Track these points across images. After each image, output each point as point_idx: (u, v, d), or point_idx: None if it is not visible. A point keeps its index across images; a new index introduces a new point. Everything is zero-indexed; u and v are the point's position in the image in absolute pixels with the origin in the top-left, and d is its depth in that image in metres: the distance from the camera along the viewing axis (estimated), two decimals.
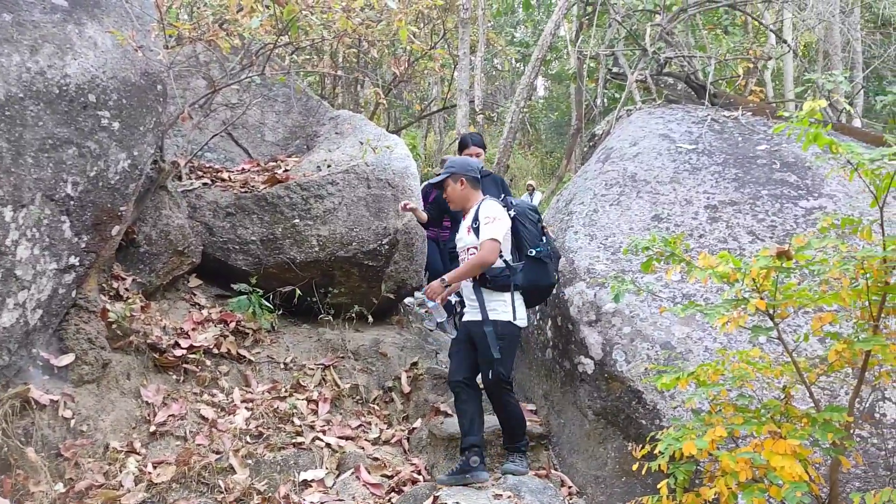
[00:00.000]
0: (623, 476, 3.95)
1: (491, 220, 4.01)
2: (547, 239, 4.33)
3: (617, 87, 10.43)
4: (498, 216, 4.05)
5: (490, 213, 4.05)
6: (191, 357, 4.55)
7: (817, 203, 4.70)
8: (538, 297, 4.33)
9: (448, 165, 4.33)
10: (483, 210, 4.08)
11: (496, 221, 4.02)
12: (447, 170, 4.28)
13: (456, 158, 4.54)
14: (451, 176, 4.25)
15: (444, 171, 4.29)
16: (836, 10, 9.13)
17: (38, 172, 3.64)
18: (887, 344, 2.28)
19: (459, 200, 4.25)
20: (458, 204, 4.26)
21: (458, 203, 4.26)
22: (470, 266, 4.01)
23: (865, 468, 3.31)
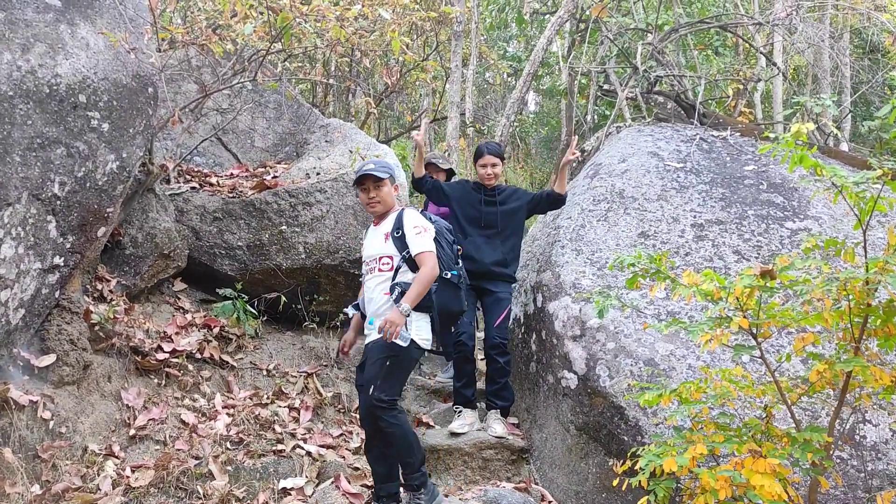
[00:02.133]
0: (604, 492, 3.96)
1: (421, 230, 3.66)
2: (461, 263, 3.97)
3: (607, 104, 10.49)
4: (427, 227, 3.72)
5: (419, 223, 3.69)
6: (173, 361, 4.52)
7: (803, 224, 4.75)
8: (447, 322, 3.83)
9: (388, 168, 3.83)
10: (409, 218, 3.71)
11: (426, 232, 3.69)
12: (387, 171, 3.79)
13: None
14: (391, 178, 3.83)
15: (381, 169, 3.76)
16: (825, 35, 9.24)
17: (25, 171, 3.62)
18: (868, 365, 2.30)
19: (387, 204, 3.79)
20: (384, 206, 3.79)
21: (384, 206, 3.79)
22: (424, 284, 3.56)
23: (845, 489, 3.33)
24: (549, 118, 17.35)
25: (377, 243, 3.77)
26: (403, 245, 3.64)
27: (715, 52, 10.71)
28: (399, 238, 3.66)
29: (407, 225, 3.68)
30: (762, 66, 10.29)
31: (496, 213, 4.84)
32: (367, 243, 3.90)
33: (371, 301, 3.74)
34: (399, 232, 3.67)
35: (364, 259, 3.87)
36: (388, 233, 3.72)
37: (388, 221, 3.77)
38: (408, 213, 3.76)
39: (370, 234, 3.88)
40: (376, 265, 3.75)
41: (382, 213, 3.81)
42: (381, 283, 3.69)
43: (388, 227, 3.74)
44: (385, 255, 3.71)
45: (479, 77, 15.75)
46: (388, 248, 3.70)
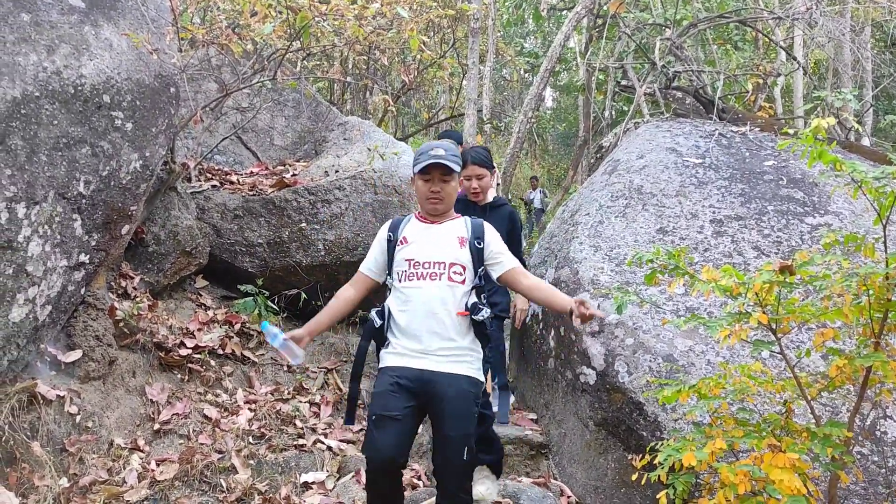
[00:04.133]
0: (622, 487, 3.97)
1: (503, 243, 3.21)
2: None
3: (625, 99, 10.48)
4: None
5: (500, 240, 3.20)
6: (196, 357, 4.59)
7: (823, 220, 4.72)
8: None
9: (459, 159, 3.18)
10: (492, 230, 3.20)
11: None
12: (455, 158, 3.12)
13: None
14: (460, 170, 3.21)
15: (453, 159, 3.09)
16: (846, 29, 9.16)
17: (51, 170, 3.69)
18: (888, 361, 2.30)
19: (449, 203, 3.18)
20: (446, 206, 3.17)
21: (446, 205, 3.17)
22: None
23: (865, 485, 3.32)
24: (567, 114, 17.33)
25: (445, 246, 3.07)
26: (480, 260, 3.08)
27: (734, 46, 10.64)
28: (479, 251, 3.08)
29: (492, 237, 3.13)
30: (782, 60, 10.21)
31: None
32: (418, 241, 3.11)
33: (426, 313, 2.98)
34: (480, 243, 3.09)
35: (411, 259, 3.07)
36: (463, 238, 3.09)
37: (456, 225, 3.16)
38: (488, 225, 3.20)
39: (421, 232, 3.14)
40: (441, 271, 3.02)
41: (445, 211, 3.17)
42: (448, 294, 3.00)
43: (462, 231, 3.13)
44: (458, 263, 3.04)
45: (496, 73, 15.75)
46: (463, 257, 3.06)
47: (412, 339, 2.98)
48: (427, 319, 2.97)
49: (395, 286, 3.10)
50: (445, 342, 2.96)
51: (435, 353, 2.95)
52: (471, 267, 3.06)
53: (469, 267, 3.06)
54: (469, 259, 3.06)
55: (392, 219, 3.30)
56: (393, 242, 3.16)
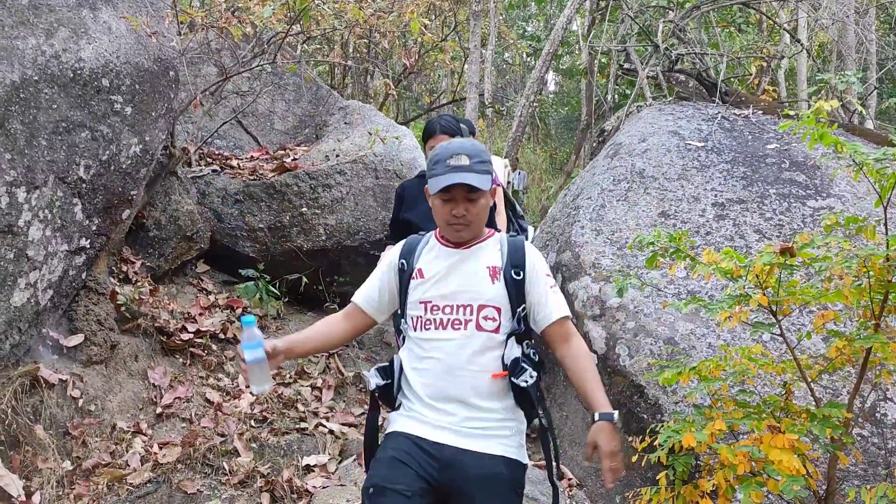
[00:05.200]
0: (623, 469, 3.98)
1: (552, 277, 2.40)
2: None
3: (628, 83, 10.42)
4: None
5: (545, 264, 2.42)
6: (197, 341, 4.61)
7: (825, 203, 4.70)
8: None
9: (489, 168, 2.33)
10: (535, 255, 2.39)
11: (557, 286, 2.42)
12: (484, 166, 2.29)
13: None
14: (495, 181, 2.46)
15: (480, 169, 2.27)
16: (850, 11, 9.09)
17: (51, 155, 3.69)
18: (888, 342, 2.30)
19: (479, 225, 2.37)
20: (473, 231, 2.35)
21: (474, 229, 2.35)
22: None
23: (865, 467, 3.32)
24: (569, 98, 17.26)
25: (472, 281, 2.30)
26: (520, 297, 2.30)
27: (738, 29, 10.57)
28: (518, 282, 2.29)
29: (535, 265, 2.34)
30: (786, 43, 10.14)
31: None
32: (437, 275, 2.33)
33: (448, 374, 2.25)
34: (521, 274, 2.30)
35: (428, 301, 2.31)
36: (496, 268, 2.31)
37: (487, 249, 2.37)
38: (529, 246, 2.41)
39: (441, 262, 2.35)
40: (467, 317, 2.27)
41: (470, 239, 2.37)
42: (478, 348, 2.25)
43: (494, 257, 2.34)
44: (490, 305, 2.27)
45: (498, 57, 15.68)
46: (497, 295, 2.29)
47: (430, 407, 2.25)
48: (450, 382, 2.24)
49: (409, 335, 2.35)
50: (474, 412, 2.23)
51: (460, 426, 2.22)
52: (507, 307, 2.28)
53: (505, 308, 2.27)
54: (504, 297, 2.28)
55: (407, 238, 2.48)
56: (407, 274, 2.36)
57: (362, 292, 2.49)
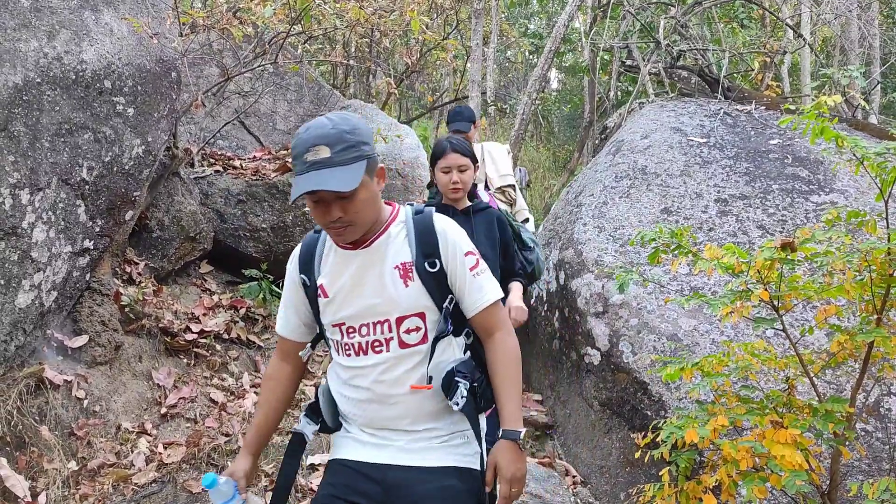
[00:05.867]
0: (627, 466, 3.98)
1: (475, 256, 1.98)
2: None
3: (630, 79, 10.41)
4: (474, 249, 2.01)
5: (465, 241, 1.99)
6: (201, 341, 4.62)
7: (828, 198, 4.69)
8: None
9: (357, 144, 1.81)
10: (445, 231, 1.95)
11: (481, 262, 2.00)
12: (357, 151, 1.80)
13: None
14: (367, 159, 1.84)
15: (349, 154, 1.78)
16: (853, 6, 9.06)
17: (54, 157, 3.70)
18: (889, 336, 2.29)
19: (365, 217, 1.88)
20: (358, 227, 1.86)
21: (360, 223, 1.86)
22: (519, 375, 2.00)
23: (869, 461, 3.32)
24: (572, 95, 17.24)
25: (380, 288, 1.90)
26: (444, 289, 1.93)
27: (740, 24, 10.54)
28: (435, 275, 1.90)
29: (451, 247, 1.93)
30: (789, 38, 10.11)
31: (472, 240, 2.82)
32: (341, 291, 1.93)
33: (377, 401, 1.94)
34: (436, 264, 1.90)
35: (341, 323, 1.94)
36: (406, 265, 1.90)
37: (392, 242, 1.93)
38: (438, 219, 1.97)
39: (342, 271, 1.93)
40: (387, 335, 1.91)
41: (361, 232, 1.89)
42: (409, 368, 1.92)
43: (401, 252, 1.92)
44: (410, 314, 1.91)
45: (500, 55, 15.67)
46: (415, 299, 1.90)
47: (368, 433, 1.98)
48: (383, 412, 1.94)
49: (333, 356, 2.04)
50: (416, 435, 1.95)
51: (405, 446, 1.94)
52: (432, 309, 1.91)
53: (430, 311, 1.91)
54: (425, 298, 1.90)
55: (303, 240, 2.06)
56: (311, 290, 1.99)
57: (280, 317, 2.12)
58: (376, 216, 1.90)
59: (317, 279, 1.96)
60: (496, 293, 1.98)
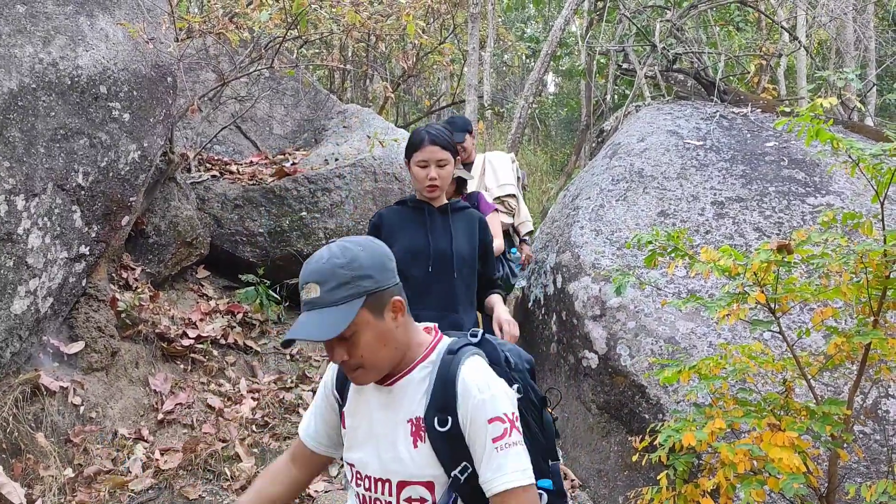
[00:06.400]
0: (626, 470, 3.97)
1: (508, 425, 1.57)
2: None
3: (627, 83, 10.42)
4: (514, 414, 1.61)
5: (505, 405, 1.59)
6: (198, 347, 4.60)
7: (825, 200, 4.70)
8: None
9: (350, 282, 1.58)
10: (469, 385, 1.59)
11: (515, 430, 1.58)
12: (349, 289, 1.57)
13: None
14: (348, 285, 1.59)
15: (341, 293, 1.57)
16: (848, 8, 9.08)
17: (49, 162, 3.69)
18: (886, 338, 2.29)
19: (383, 356, 1.63)
20: (378, 365, 1.62)
21: (380, 362, 1.62)
22: None
23: (867, 464, 3.31)
24: (569, 99, 17.25)
25: (389, 441, 1.64)
26: (458, 454, 1.59)
27: (736, 27, 10.55)
28: (448, 436, 1.57)
29: (473, 407, 1.56)
30: (785, 41, 10.13)
31: (448, 242, 3.02)
32: (358, 430, 1.71)
33: None
34: (447, 423, 1.57)
35: (353, 465, 1.72)
36: (419, 421, 1.61)
37: (413, 387, 1.64)
38: (468, 368, 1.60)
39: (365, 399, 1.71)
40: (388, 498, 1.64)
41: (378, 375, 1.64)
42: None
43: (417, 403, 1.62)
44: (415, 482, 1.61)
45: (497, 59, 15.69)
46: (423, 465, 1.60)
47: None
48: None
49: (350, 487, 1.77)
50: None
51: None
52: (443, 479, 1.60)
53: (440, 481, 1.60)
54: (435, 465, 1.59)
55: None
56: (340, 406, 1.79)
57: (305, 418, 1.88)
58: (393, 356, 1.62)
59: (343, 404, 1.76)
60: (520, 478, 1.53)
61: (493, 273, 3.23)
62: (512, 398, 1.62)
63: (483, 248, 3.14)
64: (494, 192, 4.93)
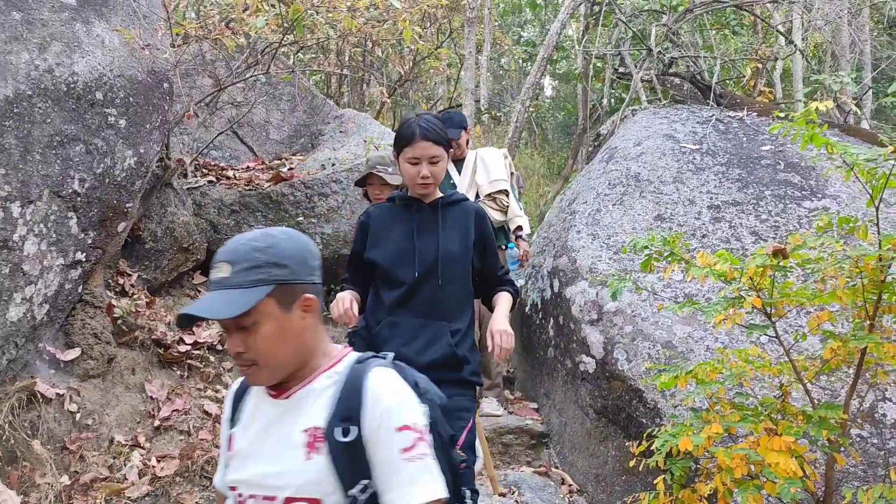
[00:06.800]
0: (623, 474, 3.97)
1: (417, 435, 1.46)
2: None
3: (624, 87, 10.43)
4: (421, 428, 1.48)
5: (413, 414, 1.49)
6: (195, 353, 4.59)
7: (821, 204, 4.71)
8: None
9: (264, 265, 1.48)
10: (379, 391, 1.47)
11: (422, 442, 1.47)
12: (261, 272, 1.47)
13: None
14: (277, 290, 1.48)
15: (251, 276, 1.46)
16: (843, 12, 9.10)
17: (45, 169, 3.69)
18: (882, 342, 2.29)
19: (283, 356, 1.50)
20: (274, 366, 1.49)
21: (277, 362, 1.49)
22: None
23: (865, 467, 3.31)
24: (566, 103, 17.27)
25: (280, 452, 1.49)
26: (358, 470, 1.45)
27: (732, 31, 10.58)
28: (349, 447, 1.44)
29: (382, 413, 1.44)
30: (781, 44, 10.16)
31: (435, 245, 2.75)
32: (245, 440, 1.56)
33: None
34: (349, 432, 1.44)
35: (231, 482, 1.57)
36: (316, 431, 1.46)
37: (315, 396, 1.51)
38: (376, 376, 1.50)
39: (258, 413, 1.58)
40: None
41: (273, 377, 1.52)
42: None
43: (317, 413, 1.48)
44: (300, 498, 1.45)
45: (493, 63, 15.71)
46: (312, 478, 1.45)
47: None
48: None
49: None
50: None
51: None
52: (337, 492, 1.44)
53: (332, 495, 1.44)
54: (327, 479, 1.44)
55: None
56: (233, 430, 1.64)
57: (218, 470, 1.72)
58: (294, 358, 1.49)
59: (235, 425, 1.60)
60: (435, 491, 1.42)
61: (497, 269, 2.91)
62: (421, 411, 1.49)
63: (482, 244, 2.85)
64: (486, 188, 4.83)
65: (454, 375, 2.63)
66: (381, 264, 2.74)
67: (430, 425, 1.51)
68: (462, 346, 2.69)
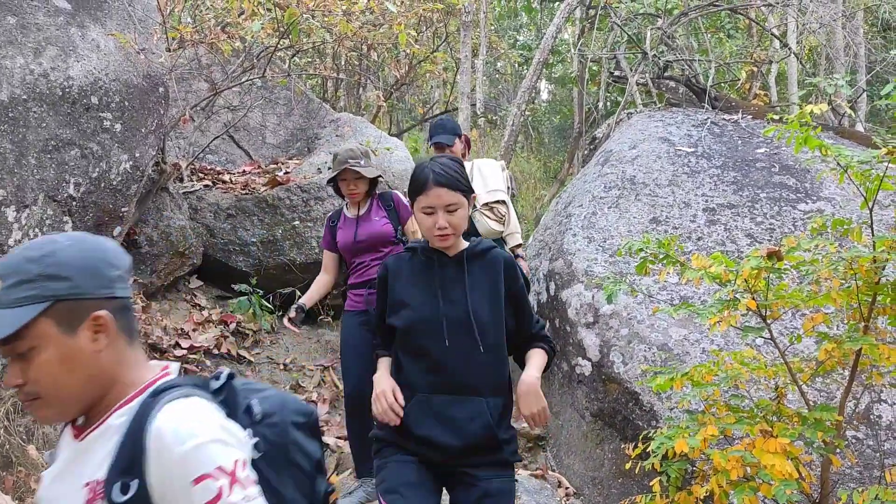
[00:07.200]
0: (620, 477, 3.97)
1: (233, 483, 1.15)
2: None
3: (619, 90, 10.46)
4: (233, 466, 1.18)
5: (221, 457, 1.17)
6: (191, 357, 4.59)
7: (816, 206, 4.72)
8: None
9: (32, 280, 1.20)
10: (168, 437, 1.16)
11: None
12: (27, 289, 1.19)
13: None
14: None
15: (23, 292, 1.17)
16: (837, 14, 9.15)
17: (40, 173, 3.68)
18: (876, 344, 2.30)
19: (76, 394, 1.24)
20: (63, 403, 1.23)
21: (65, 399, 1.23)
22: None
23: (860, 469, 3.32)
24: (562, 106, 17.30)
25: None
26: None
27: (727, 34, 10.61)
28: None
29: (168, 465, 1.14)
30: (775, 47, 10.19)
31: (464, 309, 2.37)
32: (44, 484, 1.30)
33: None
34: (128, 488, 1.15)
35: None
36: (98, 485, 1.18)
37: (106, 440, 1.22)
38: (167, 414, 1.18)
39: (61, 455, 1.33)
40: None
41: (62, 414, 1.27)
42: None
43: (103, 464, 1.19)
44: None
45: (489, 67, 15.74)
46: None
47: None
48: None
49: None
50: None
51: None
52: None
53: None
54: None
55: None
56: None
57: None
58: (85, 390, 1.22)
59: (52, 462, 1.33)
60: None
61: (531, 326, 2.52)
62: (234, 443, 1.19)
63: (515, 299, 2.47)
64: (483, 197, 4.82)
65: (494, 458, 2.35)
66: (403, 332, 2.40)
67: (263, 455, 1.27)
68: (502, 426, 2.37)
